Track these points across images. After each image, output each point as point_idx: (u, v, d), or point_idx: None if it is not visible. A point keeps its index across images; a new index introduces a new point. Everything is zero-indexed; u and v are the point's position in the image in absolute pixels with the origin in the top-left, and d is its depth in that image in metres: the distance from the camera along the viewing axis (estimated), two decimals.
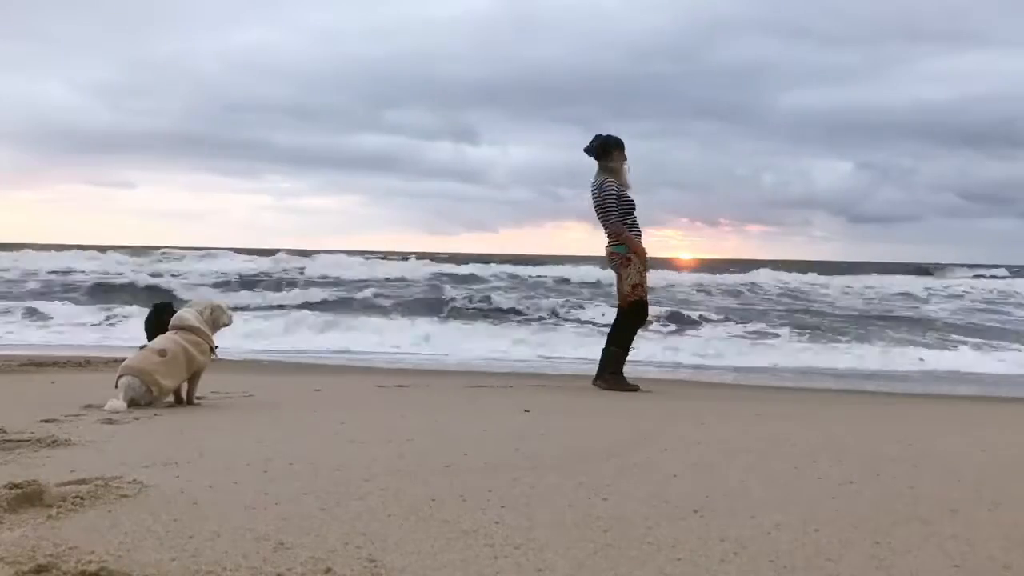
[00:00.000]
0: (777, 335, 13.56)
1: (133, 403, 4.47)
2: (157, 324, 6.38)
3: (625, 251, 6.51)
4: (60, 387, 5.77)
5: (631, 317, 6.60)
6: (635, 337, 6.70)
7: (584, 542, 2.22)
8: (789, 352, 11.39)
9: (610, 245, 6.59)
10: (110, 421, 4.07)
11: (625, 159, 6.66)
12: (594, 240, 6.93)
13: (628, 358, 6.63)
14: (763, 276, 26.12)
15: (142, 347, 5.15)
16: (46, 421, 3.99)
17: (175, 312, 5.19)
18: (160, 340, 4.81)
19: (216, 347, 4.95)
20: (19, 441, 3.39)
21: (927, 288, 24.18)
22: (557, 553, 2.13)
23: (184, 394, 4.79)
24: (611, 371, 6.51)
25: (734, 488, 2.87)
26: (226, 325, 5.04)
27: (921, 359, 10.79)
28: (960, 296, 22.37)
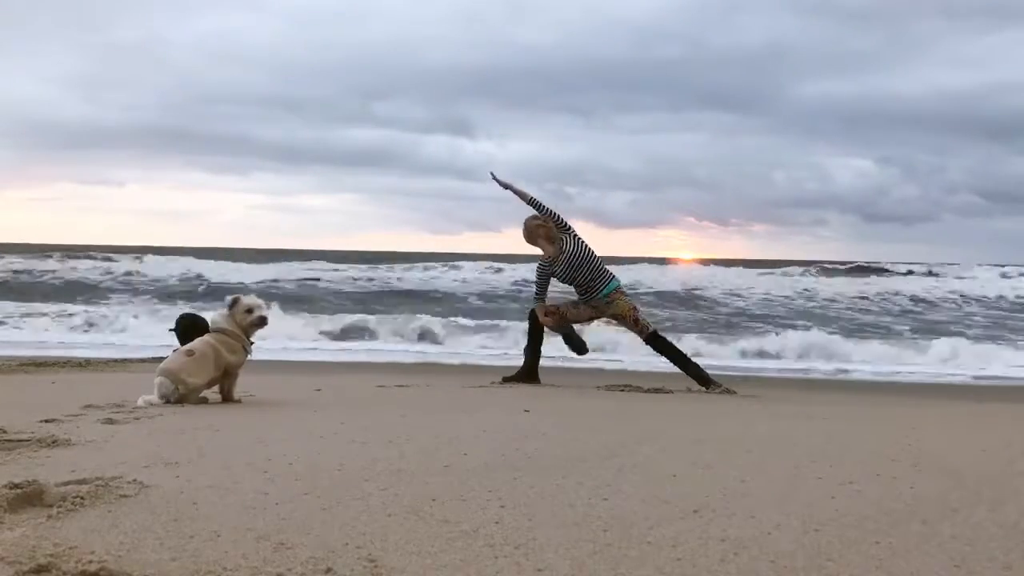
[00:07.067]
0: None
1: (165, 400, 4.82)
2: (184, 334, 6.58)
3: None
4: (60, 387, 5.78)
5: (661, 339, 6.89)
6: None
7: (584, 542, 2.22)
8: None
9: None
10: (110, 421, 4.08)
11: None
12: (596, 237, 6.98)
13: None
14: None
15: (175, 350, 5.39)
16: (46, 421, 3.99)
17: (196, 322, 6.04)
18: (193, 342, 5.16)
19: (252, 344, 5.20)
20: (19, 441, 3.39)
21: None
22: (557, 553, 2.13)
23: (221, 392, 5.11)
24: (706, 376, 6.75)
25: (734, 488, 2.86)
26: (256, 325, 5.16)
27: None
28: None
